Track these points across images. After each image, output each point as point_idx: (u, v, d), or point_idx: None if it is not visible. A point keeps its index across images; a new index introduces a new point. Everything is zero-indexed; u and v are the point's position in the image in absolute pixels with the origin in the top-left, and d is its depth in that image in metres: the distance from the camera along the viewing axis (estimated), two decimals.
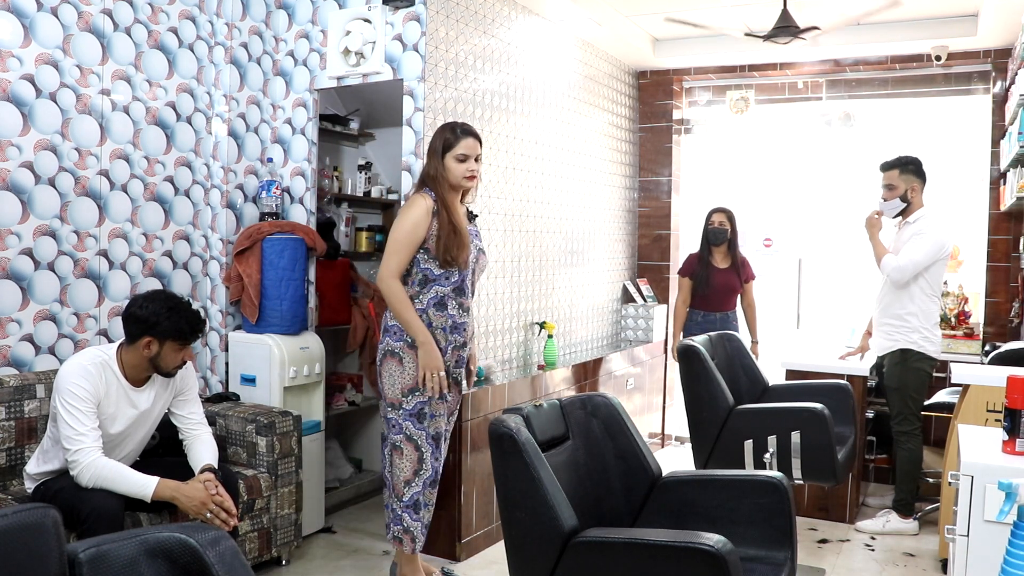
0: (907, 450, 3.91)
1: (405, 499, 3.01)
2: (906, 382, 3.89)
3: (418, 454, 3.00)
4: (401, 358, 2.99)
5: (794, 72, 5.42)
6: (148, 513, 2.72)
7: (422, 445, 3.00)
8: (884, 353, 4.00)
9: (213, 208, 3.87)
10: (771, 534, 2.26)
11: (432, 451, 3.02)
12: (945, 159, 5.11)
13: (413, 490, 3.01)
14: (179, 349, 2.70)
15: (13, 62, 3.06)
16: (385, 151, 4.70)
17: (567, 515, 2.01)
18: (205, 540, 1.52)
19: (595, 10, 4.52)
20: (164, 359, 2.69)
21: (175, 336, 2.66)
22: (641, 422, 5.25)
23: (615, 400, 2.53)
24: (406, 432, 2.99)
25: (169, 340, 2.66)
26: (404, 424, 2.99)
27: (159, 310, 2.65)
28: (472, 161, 3.01)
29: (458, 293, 3.02)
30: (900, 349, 3.90)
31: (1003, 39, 4.59)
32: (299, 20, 3.96)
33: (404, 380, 2.99)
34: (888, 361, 3.97)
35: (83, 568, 1.44)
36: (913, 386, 3.89)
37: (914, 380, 3.89)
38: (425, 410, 3.00)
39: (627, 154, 5.76)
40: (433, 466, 3.03)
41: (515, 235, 4.33)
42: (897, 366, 3.91)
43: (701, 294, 4.84)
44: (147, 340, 2.65)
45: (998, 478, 1.78)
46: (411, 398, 2.99)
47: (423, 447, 3.00)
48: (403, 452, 3.00)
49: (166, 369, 2.73)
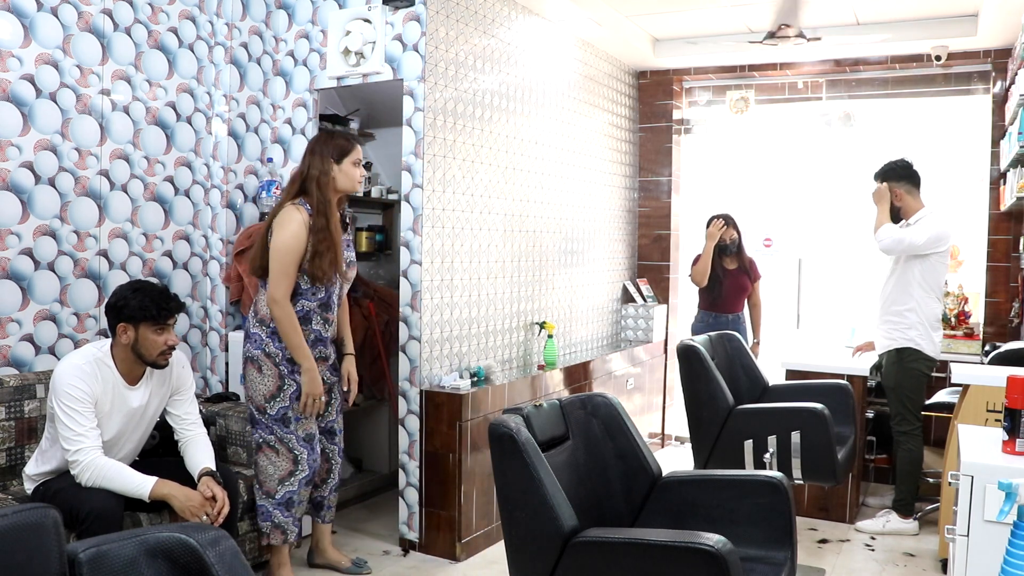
0: (907, 450, 3.90)
1: (277, 496, 3.07)
2: (901, 382, 3.88)
3: (292, 455, 3.07)
4: (260, 365, 3.04)
5: (794, 72, 5.42)
6: (148, 513, 2.72)
7: (295, 447, 3.06)
8: (883, 352, 4.00)
9: (213, 208, 3.87)
10: (771, 534, 2.26)
11: (308, 452, 3.08)
12: (945, 159, 5.11)
13: (287, 488, 3.07)
14: (156, 332, 2.66)
15: (13, 62, 3.06)
16: (385, 151, 4.70)
17: (567, 515, 2.01)
18: (205, 540, 1.52)
19: (595, 10, 4.52)
20: (143, 344, 2.65)
21: (144, 316, 2.62)
22: (641, 422, 5.25)
23: (615, 400, 2.53)
24: (276, 434, 3.06)
25: (142, 323, 2.63)
26: (272, 427, 3.06)
27: (125, 293, 2.65)
28: (362, 166, 3.13)
29: (324, 308, 3.10)
30: (896, 348, 3.89)
31: (1003, 39, 4.59)
32: (299, 20, 3.96)
33: (265, 386, 3.04)
34: (886, 360, 3.98)
35: (83, 568, 1.44)
36: (909, 386, 3.88)
37: (909, 380, 3.87)
38: (289, 415, 3.06)
39: (627, 154, 5.76)
40: (311, 466, 3.09)
41: (515, 235, 4.33)
42: (893, 365, 3.91)
43: (711, 296, 4.90)
44: (122, 327, 2.64)
45: (998, 478, 1.78)
46: (274, 404, 3.05)
47: (296, 449, 3.07)
48: (277, 452, 3.06)
49: (150, 357, 2.68)
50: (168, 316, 2.69)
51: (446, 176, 3.75)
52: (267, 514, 3.09)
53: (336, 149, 3.06)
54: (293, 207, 2.99)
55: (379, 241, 4.68)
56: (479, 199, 4.00)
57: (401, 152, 3.68)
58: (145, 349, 2.67)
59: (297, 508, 3.11)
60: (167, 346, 2.70)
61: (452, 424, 3.55)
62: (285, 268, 2.94)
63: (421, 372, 3.63)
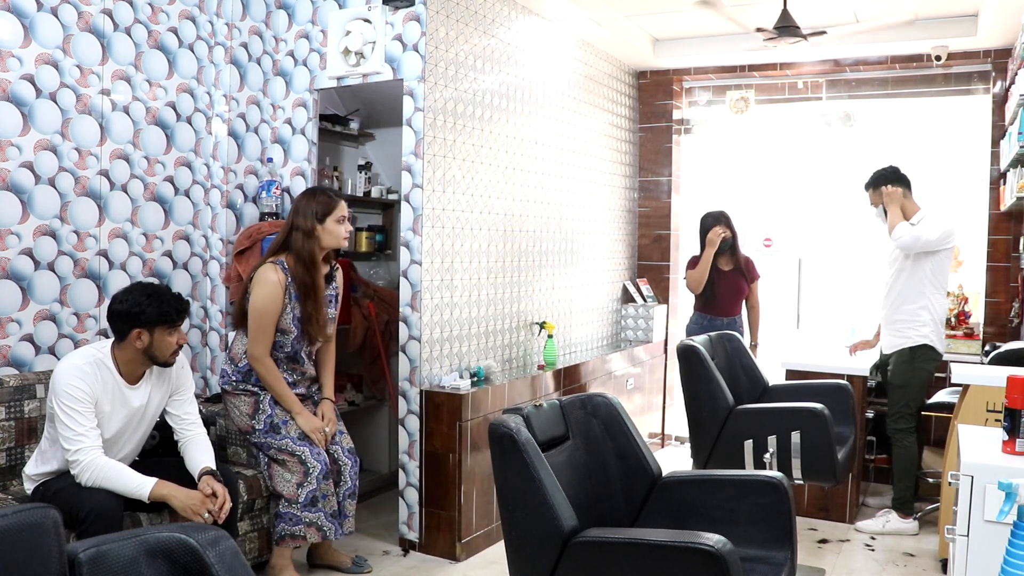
0: (903, 447, 3.92)
1: (302, 500, 3.09)
2: (911, 381, 3.89)
3: (296, 458, 3.10)
4: (235, 393, 3.18)
5: (794, 72, 5.42)
6: (148, 513, 2.72)
7: (295, 450, 3.10)
8: (892, 351, 3.99)
9: (213, 208, 3.87)
10: (771, 534, 2.26)
11: (309, 449, 3.11)
12: (945, 159, 5.11)
13: (307, 489, 3.09)
14: (170, 333, 2.70)
15: (13, 62, 3.06)
16: (385, 151, 4.70)
17: (567, 515, 2.01)
18: (205, 540, 1.52)
19: (595, 10, 4.52)
20: (158, 346, 2.69)
21: (162, 321, 2.66)
22: (641, 422, 5.25)
23: (615, 400, 2.53)
24: (274, 446, 3.11)
25: (158, 326, 2.66)
26: (266, 441, 3.12)
27: (139, 300, 2.65)
28: (347, 222, 3.19)
29: (290, 360, 3.19)
30: (910, 347, 3.90)
31: (1003, 39, 4.59)
32: (299, 20, 3.96)
33: (241, 409, 3.17)
34: (896, 359, 3.97)
35: (83, 568, 1.44)
36: (918, 384, 3.90)
37: (919, 378, 3.90)
38: (275, 421, 3.13)
39: (627, 154, 5.76)
40: (319, 460, 3.11)
41: (515, 235, 4.33)
42: (905, 363, 3.91)
43: (707, 299, 4.74)
44: (137, 332, 2.65)
45: (998, 478, 1.78)
46: (258, 418, 3.14)
47: (296, 451, 3.10)
48: (283, 462, 3.11)
49: (163, 357, 2.72)
50: (184, 317, 2.75)
51: (446, 176, 3.75)
52: (295, 518, 3.09)
53: (319, 207, 3.12)
54: (271, 267, 3.08)
55: (379, 241, 4.68)
56: (479, 199, 4.00)
57: (401, 152, 3.68)
58: (159, 351, 2.70)
59: (324, 502, 3.11)
60: (178, 345, 2.75)
61: (452, 424, 3.55)
62: (264, 328, 3.07)
63: (421, 372, 3.63)
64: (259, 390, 3.14)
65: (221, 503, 2.67)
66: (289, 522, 3.10)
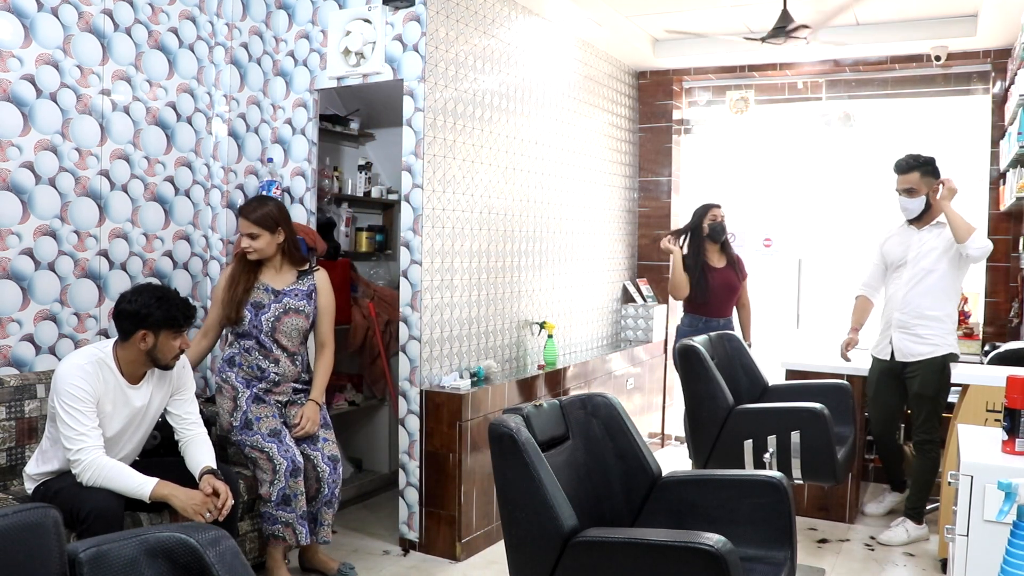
0: (931, 458, 3.77)
1: (274, 498, 3.10)
2: (941, 390, 3.74)
3: (265, 455, 3.11)
4: (220, 389, 3.24)
5: (794, 72, 5.42)
6: (148, 513, 2.72)
7: (263, 446, 3.12)
8: (918, 359, 3.76)
9: (213, 208, 3.87)
10: (771, 534, 2.26)
11: (277, 446, 3.11)
12: (945, 159, 5.08)
13: (277, 487, 3.09)
14: (174, 337, 2.71)
15: (13, 62, 3.06)
16: (385, 151, 4.70)
17: (567, 515, 2.01)
18: (205, 540, 1.52)
19: (595, 10, 4.52)
20: (161, 350, 2.70)
21: (169, 324, 2.67)
22: (641, 422, 5.26)
23: (615, 400, 2.53)
24: (247, 444, 3.14)
25: (164, 330, 2.67)
26: (241, 438, 3.16)
27: (148, 302, 2.66)
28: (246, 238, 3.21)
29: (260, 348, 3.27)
30: (942, 355, 3.71)
31: (1003, 39, 4.59)
32: (299, 20, 3.96)
33: (225, 406, 3.22)
34: (925, 368, 3.74)
35: (83, 568, 1.44)
36: (946, 393, 3.76)
37: (947, 388, 3.74)
38: (248, 417, 3.16)
39: (627, 154, 5.76)
40: (286, 457, 3.11)
41: (515, 235, 4.33)
42: (937, 374, 3.70)
43: (700, 298, 4.53)
44: (142, 333, 2.65)
45: (998, 478, 1.78)
46: (236, 415, 3.17)
47: (264, 447, 3.11)
48: (255, 460, 3.13)
49: (164, 360, 2.73)
50: (191, 324, 2.75)
51: (446, 176, 3.75)
52: (272, 517, 3.10)
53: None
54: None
55: (379, 241, 4.68)
56: (479, 199, 4.00)
57: (401, 152, 3.68)
58: (162, 353, 2.71)
59: (295, 502, 3.11)
60: (181, 349, 2.76)
61: (452, 424, 3.55)
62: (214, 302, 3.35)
63: (421, 372, 3.63)
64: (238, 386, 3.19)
65: (223, 501, 2.67)
66: (269, 521, 3.11)
